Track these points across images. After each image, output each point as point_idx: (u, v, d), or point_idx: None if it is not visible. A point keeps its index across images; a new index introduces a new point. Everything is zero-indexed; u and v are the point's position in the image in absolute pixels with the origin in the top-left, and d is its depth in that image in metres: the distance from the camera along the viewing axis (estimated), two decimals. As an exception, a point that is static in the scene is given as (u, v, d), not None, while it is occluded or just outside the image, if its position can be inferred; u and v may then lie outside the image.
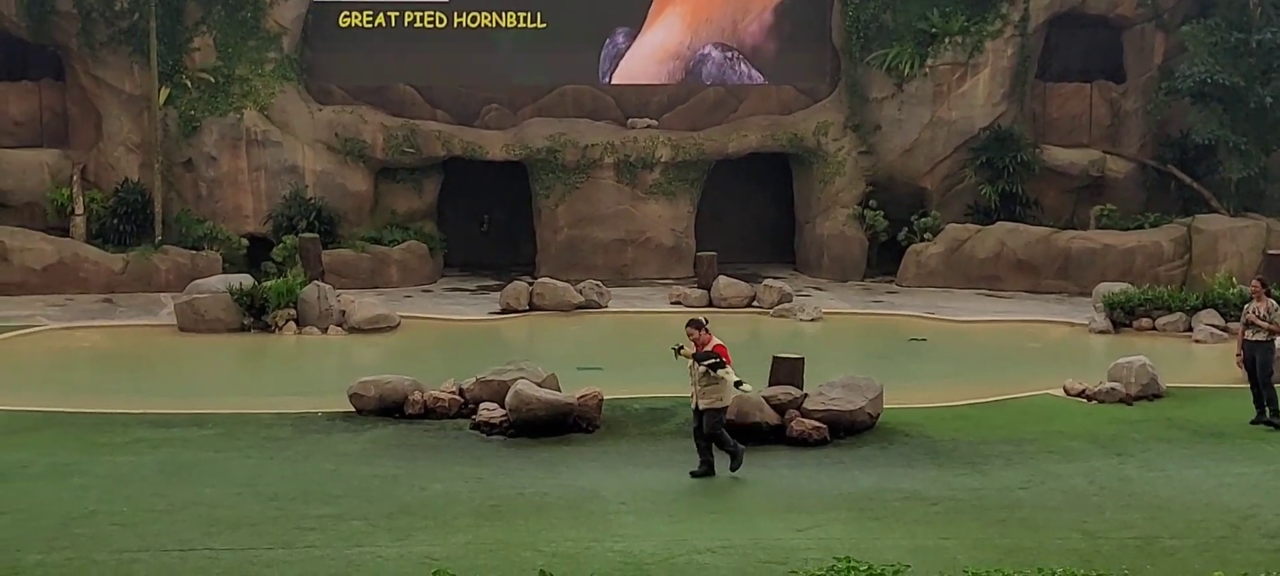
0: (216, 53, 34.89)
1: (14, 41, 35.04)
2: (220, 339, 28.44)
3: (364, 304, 29.95)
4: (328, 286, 29.73)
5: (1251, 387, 21.25)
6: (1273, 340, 21.41)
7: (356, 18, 35.98)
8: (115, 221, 34.33)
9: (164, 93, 34.30)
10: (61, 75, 35.57)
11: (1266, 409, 20.98)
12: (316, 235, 32.36)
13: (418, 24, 36.12)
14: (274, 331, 28.69)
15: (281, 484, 17.60)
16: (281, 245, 33.59)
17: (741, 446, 18.13)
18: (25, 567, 14.25)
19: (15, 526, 15.59)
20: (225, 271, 32.49)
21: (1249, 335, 21.39)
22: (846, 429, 20.19)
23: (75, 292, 32.94)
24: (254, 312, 28.96)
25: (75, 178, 34.44)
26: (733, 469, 17.96)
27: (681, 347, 18.00)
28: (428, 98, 36.79)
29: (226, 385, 25.64)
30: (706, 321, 18.15)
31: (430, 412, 21.31)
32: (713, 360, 17.72)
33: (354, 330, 28.97)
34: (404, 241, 35.12)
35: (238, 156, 34.77)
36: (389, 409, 21.33)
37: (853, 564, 12.19)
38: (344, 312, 29.35)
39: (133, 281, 33.38)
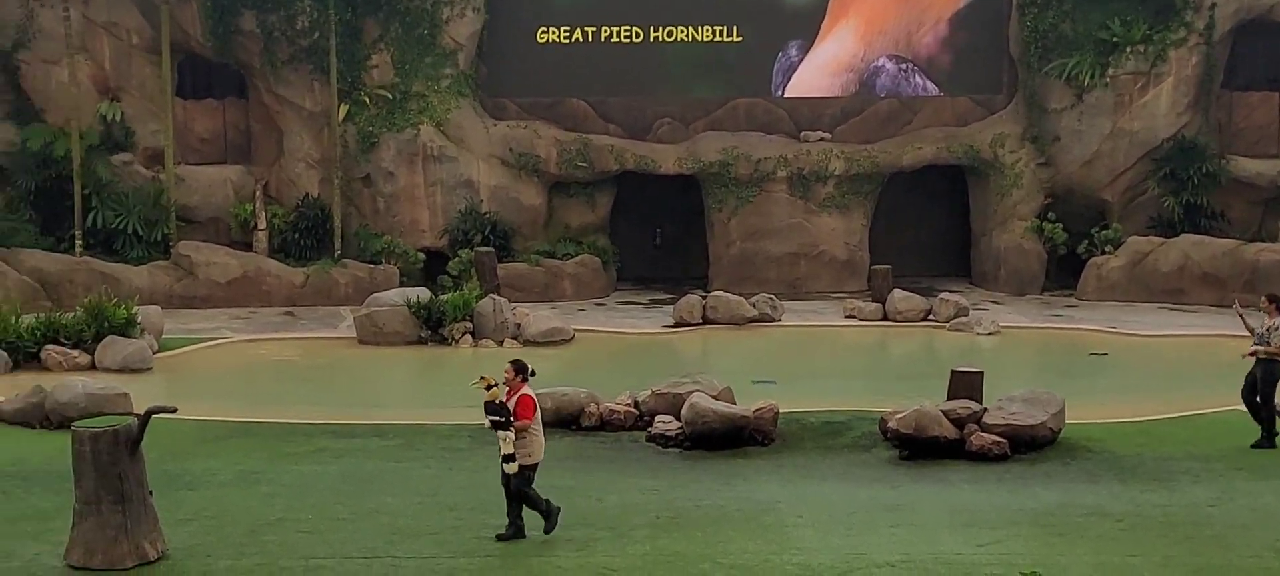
0: (394, 70, 35.47)
1: (199, 61, 35.96)
2: (398, 351, 28.85)
3: (538, 317, 30.17)
4: (503, 300, 29.99)
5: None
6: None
7: (554, 34, 36.33)
8: (296, 236, 35.04)
9: (343, 109, 34.95)
10: (245, 93, 36.43)
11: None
12: (492, 249, 32.68)
13: (614, 39, 36.39)
14: (450, 344, 29.03)
15: (460, 494, 17.78)
16: (457, 259, 34.02)
17: (556, 506, 15.95)
18: (216, 572, 14.58)
19: (206, 532, 15.97)
20: (402, 285, 32.96)
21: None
22: (1027, 444, 19.83)
23: (258, 306, 33.69)
24: (431, 325, 29.32)
25: (258, 193, 35.22)
26: (546, 530, 15.85)
27: (485, 378, 15.64)
28: (601, 112, 36.99)
29: (405, 396, 25.99)
30: (530, 370, 15.91)
31: (606, 425, 21.40)
32: (498, 416, 15.50)
33: (529, 343, 29.15)
34: (577, 255, 35.36)
35: (414, 172, 35.29)
36: (565, 421, 21.43)
37: (1040, 579, 11.97)
38: (519, 325, 29.60)
39: (313, 294, 34.05)
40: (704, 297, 31.88)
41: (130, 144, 35.25)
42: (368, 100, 35.26)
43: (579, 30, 36.38)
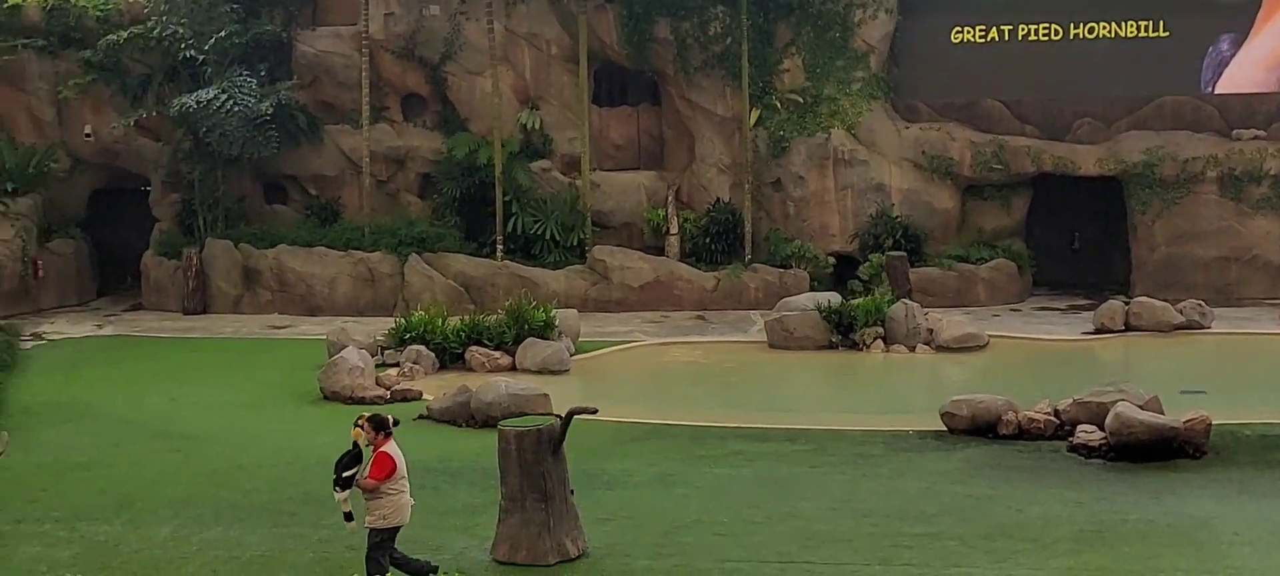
0: (805, 73, 35.42)
1: (615, 69, 36.72)
2: (809, 356, 28.70)
3: (951, 322, 29.55)
4: (915, 305, 29.51)
5: None
6: None
7: (969, 33, 35.51)
8: (707, 240, 35.34)
9: (754, 114, 35.11)
10: (658, 100, 37.01)
11: None
12: (904, 253, 32.26)
13: (1032, 38, 35.27)
14: (861, 349, 28.71)
15: (875, 500, 17.52)
16: (868, 263, 33.71)
17: None
18: (635, 571, 14.74)
19: (624, 532, 16.16)
20: (812, 289, 32.83)
21: None
22: None
23: (670, 309, 34.13)
24: (841, 330, 29.09)
25: (670, 198, 35.70)
26: None
27: (362, 423, 14.12)
28: (1016, 112, 35.97)
29: (817, 401, 25.84)
30: (391, 422, 14.16)
31: (1024, 433, 20.77)
32: (342, 473, 13.93)
33: (941, 348, 28.61)
34: (991, 259, 34.50)
35: (825, 176, 35.13)
36: (981, 429, 20.91)
37: None
38: (931, 331, 29.05)
39: (723, 299, 34.29)
40: (1126, 303, 30.60)
41: (548, 151, 36.28)
42: (779, 105, 35.33)
43: (995, 29, 35.34)
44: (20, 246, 35.08)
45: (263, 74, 35.85)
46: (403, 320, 28.50)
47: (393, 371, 26.33)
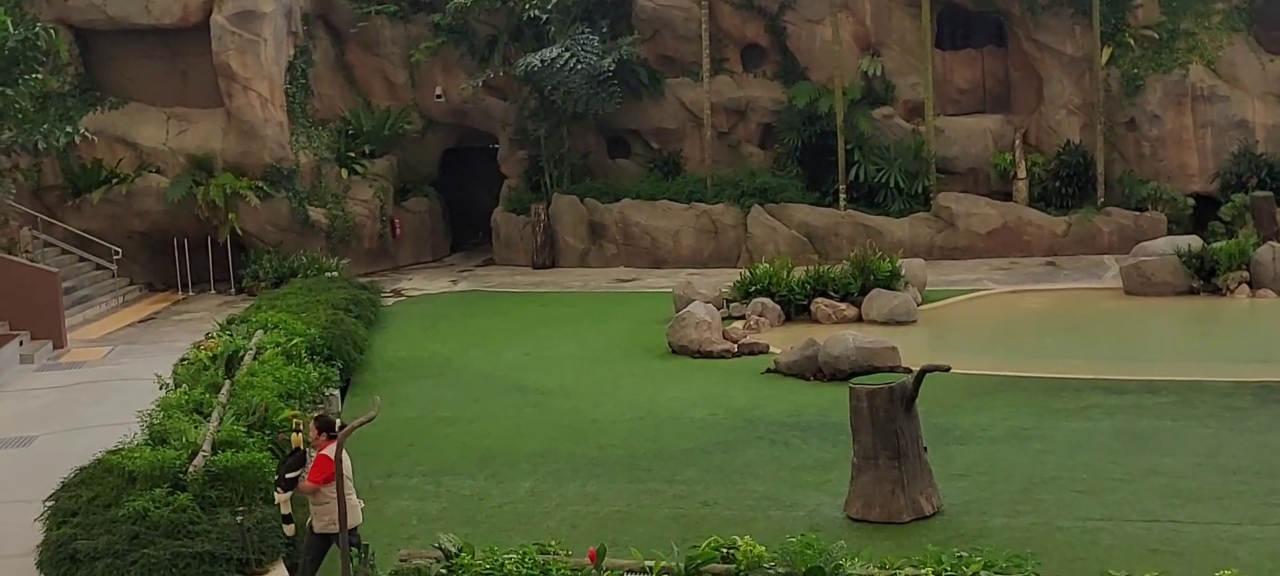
0: (1160, 8, 34.04)
1: (958, 11, 35.94)
2: (1167, 302, 27.66)
3: (1323, 265, 28.04)
4: (1282, 247, 28.15)
5: None
6: None
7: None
8: (1057, 184, 34.36)
9: (1106, 52, 33.90)
10: (1003, 41, 36.07)
11: None
12: (1269, 193, 30.72)
13: None
14: (1225, 294, 27.51)
15: (1244, 456, 16.76)
16: (1230, 204, 32.24)
17: None
18: (992, 529, 14.41)
19: (979, 488, 15.85)
20: (1169, 232, 31.66)
21: None
22: None
23: (1018, 256, 33.36)
24: (1203, 275, 27.93)
25: (1017, 142, 34.79)
26: None
27: (296, 421, 13.63)
28: (1392, 40, 33.84)
29: (1177, 350, 24.86)
30: (338, 425, 13.30)
31: None
32: (285, 475, 13.15)
33: (1311, 294, 27.24)
34: (1363, 199, 32.59)
35: (1182, 113, 33.70)
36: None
37: None
38: (1300, 275, 27.66)
39: (1074, 244, 33.33)
40: None
41: (890, 97, 35.77)
42: (1132, 42, 34.01)
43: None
44: (379, 206, 36.51)
45: (604, 30, 36.32)
46: (747, 272, 28.54)
47: (739, 324, 26.45)
